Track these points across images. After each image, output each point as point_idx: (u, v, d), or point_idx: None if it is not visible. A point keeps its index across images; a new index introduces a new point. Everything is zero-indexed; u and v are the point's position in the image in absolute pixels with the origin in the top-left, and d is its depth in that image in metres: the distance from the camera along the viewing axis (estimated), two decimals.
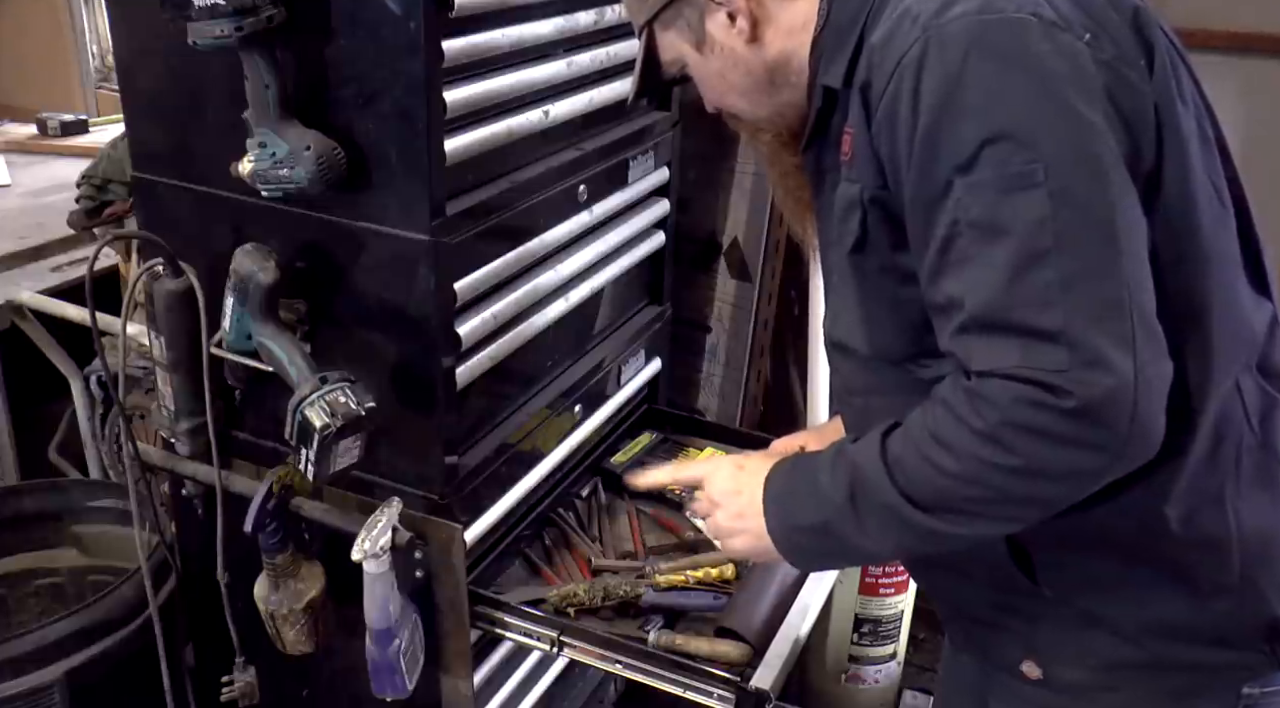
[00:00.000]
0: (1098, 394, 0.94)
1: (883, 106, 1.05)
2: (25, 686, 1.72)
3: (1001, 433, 0.98)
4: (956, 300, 1.01)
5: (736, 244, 2.58)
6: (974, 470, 1.01)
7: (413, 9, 1.33)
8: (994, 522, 1.07)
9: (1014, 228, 0.97)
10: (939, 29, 1.01)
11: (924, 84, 1.01)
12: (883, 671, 2.55)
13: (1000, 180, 0.97)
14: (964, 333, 1.01)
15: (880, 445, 1.09)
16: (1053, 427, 0.96)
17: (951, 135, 0.99)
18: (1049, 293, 0.96)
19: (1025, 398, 0.96)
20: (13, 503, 2.14)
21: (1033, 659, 1.22)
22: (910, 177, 1.04)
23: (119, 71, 1.61)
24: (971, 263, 0.99)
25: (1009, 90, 0.98)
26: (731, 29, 1.21)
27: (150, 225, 1.63)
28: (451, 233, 1.47)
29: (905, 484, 1.06)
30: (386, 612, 1.51)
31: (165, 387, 1.60)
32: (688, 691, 1.52)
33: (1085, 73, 1.00)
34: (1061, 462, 0.98)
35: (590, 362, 1.94)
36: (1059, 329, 0.95)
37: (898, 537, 1.10)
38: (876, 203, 1.11)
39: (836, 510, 1.12)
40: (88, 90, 4.00)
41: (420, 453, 1.57)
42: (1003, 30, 0.99)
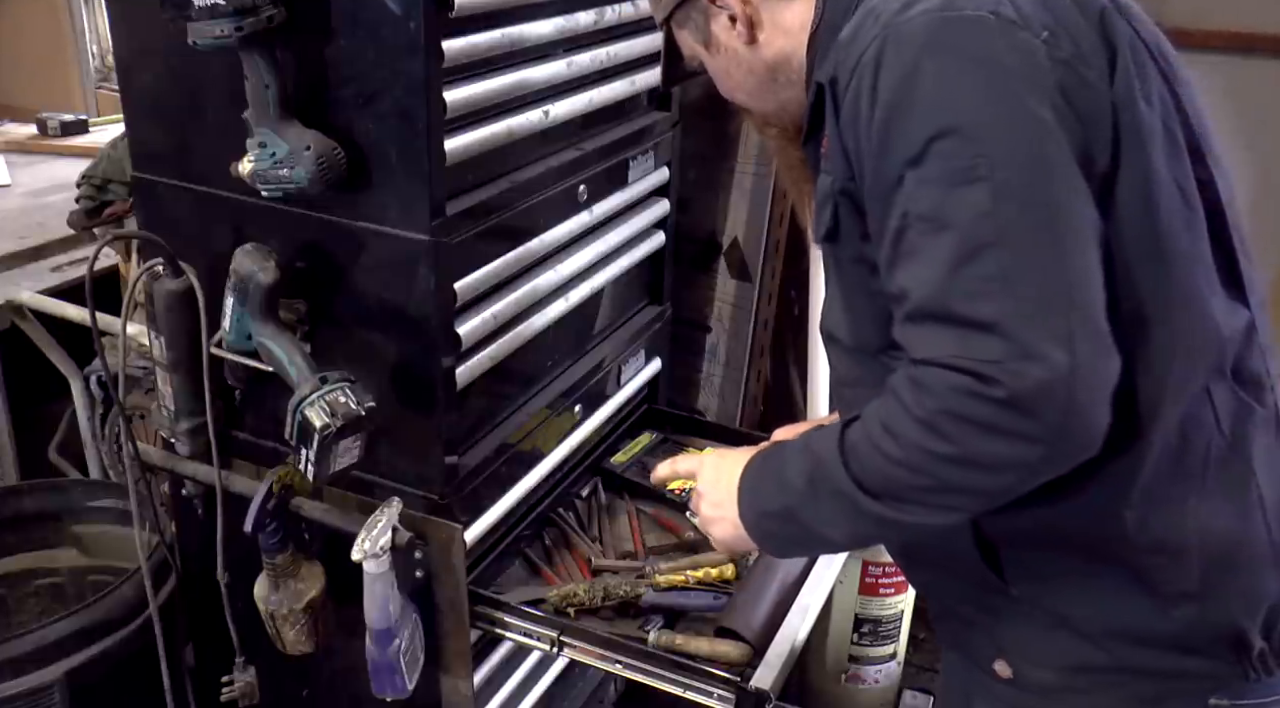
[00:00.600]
0: (1028, 386, 0.96)
1: (847, 102, 1.08)
2: (25, 686, 1.72)
3: (938, 421, 1.00)
4: (905, 291, 1.03)
5: (736, 244, 2.58)
6: (915, 458, 1.03)
7: (413, 9, 1.33)
8: (937, 510, 1.08)
9: (956, 221, 0.99)
10: (897, 27, 1.03)
11: (881, 80, 1.03)
12: (883, 671, 2.55)
13: (946, 174, 1.00)
14: (909, 322, 1.03)
15: (840, 434, 1.11)
16: (985, 416, 0.98)
17: (903, 129, 1.02)
18: (987, 285, 0.97)
19: (960, 387, 0.98)
20: (13, 503, 2.14)
21: (1004, 658, 1.23)
22: (868, 169, 1.07)
23: (119, 71, 1.61)
24: (918, 255, 1.02)
25: (959, 86, 1.01)
26: (732, 30, 1.25)
27: (150, 225, 1.63)
28: (451, 233, 1.47)
29: (858, 471, 1.08)
30: (386, 612, 1.51)
31: (165, 387, 1.60)
32: (688, 691, 1.52)
33: (1038, 70, 1.01)
34: (994, 452, 1.00)
35: (590, 362, 1.94)
36: (995, 321, 0.97)
37: (852, 524, 1.12)
38: (846, 195, 1.13)
39: (798, 496, 1.15)
40: (88, 90, 4.01)
41: (420, 453, 1.57)
42: (959, 28, 1.02)
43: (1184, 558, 1.11)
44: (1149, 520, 1.10)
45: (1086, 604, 1.16)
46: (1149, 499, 1.10)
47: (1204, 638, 1.14)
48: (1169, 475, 1.10)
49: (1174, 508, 1.11)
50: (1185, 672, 1.15)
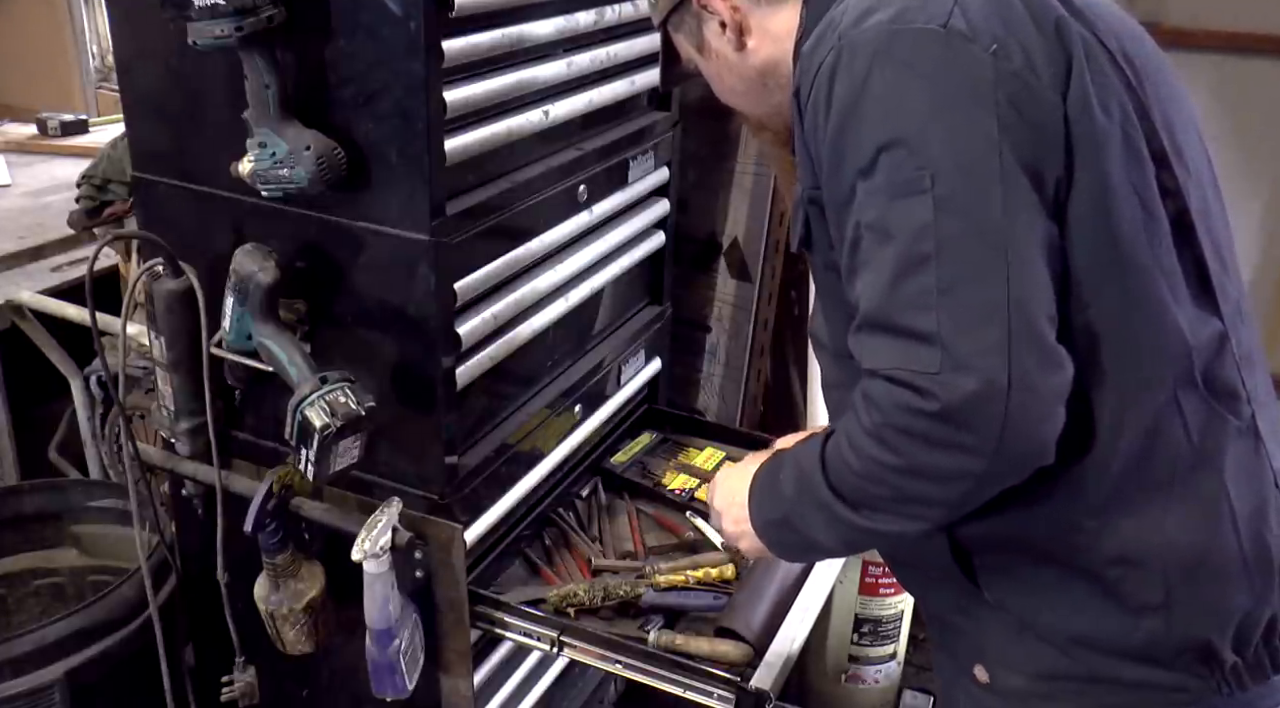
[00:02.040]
0: (961, 397, 0.97)
1: (808, 111, 1.10)
2: (25, 686, 1.72)
3: (884, 433, 1.03)
4: (857, 300, 1.05)
5: (736, 244, 2.58)
6: (869, 468, 1.06)
7: (413, 9, 1.33)
8: (907, 519, 1.10)
9: (899, 232, 1.00)
10: (852, 38, 1.05)
11: (835, 91, 1.05)
12: (883, 671, 2.55)
13: (892, 186, 1.01)
14: (859, 331, 1.05)
15: (821, 446, 1.13)
16: (923, 429, 1.00)
17: (854, 140, 1.04)
18: (926, 297, 0.99)
19: (900, 401, 1.00)
20: (13, 503, 2.14)
21: (981, 663, 1.24)
22: (825, 178, 1.09)
23: (119, 71, 1.61)
24: (868, 265, 1.04)
25: (907, 98, 1.02)
26: (722, 36, 1.26)
27: (150, 225, 1.63)
28: (451, 233, 1.47)
29: (835, 482, 1.11)
30: (386, 612, 1.51)
31: (165, 387, 1.61)
32: (688, 691, 1.52)
33: (985, 83, 1.02)
34: (937, 463, 1.01)
35: (590, 362, 1.94)
36: (932, 332, 0.98)
37: (838, 531, 1.14)
38: (814, 203, 1.16)
39: (790, 505, 1.18)
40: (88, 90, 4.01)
41: (420, 453, 1.57)
42: (908, 40, 1.03)
43: (1148, 569, 1.11)
44: (1113, 530, 1.10)
45: (1053, 611, 1.16)
46: (1112, 509, 1.09)
47: (1170, 650, 1.12)
48: (1133, 486, 1.09)
49: (1139, 519, 1.10)
50: (1154, 684, 1.14)
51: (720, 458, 2.06)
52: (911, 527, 1.11)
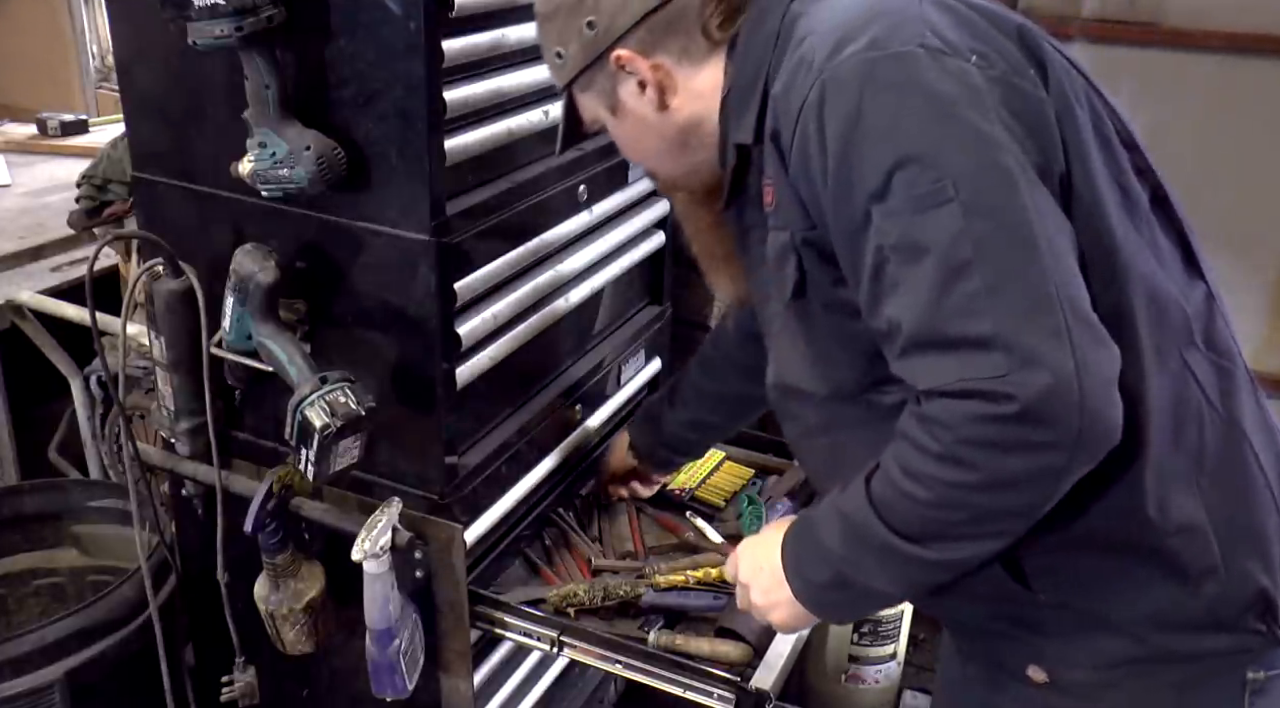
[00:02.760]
0: (1038, 392, 0.96)
1: (795, 151, 1.09)
2: (25, 686, 1.72)
3: (957, 451, 1.00)
4: (894, 324, 1.03)
5: None
6: (943, 494, 1.03)
7: (413, 9, 1.33)
8: (983, 541, 1.08)
9: (933, 245, 1.00)
10: (833, 71, 1.05)
11: (827, 124, 1.04)
12: (883, 671, 2.55)
13: (912, 201, 1.00)
14: (905, 355, 1.03)
15: (865, 489, 1.11)
16: (1003, 436, 0.98)
17: (860, 169, 1.03)
18: (976, 301, 0.98)
19: (971, 414, 0.98)
20: (13, 503, 2.14)
21: (1038, 664, 1.23)
22: (831, 213, 1.08)
23: (119, 71, 1.61)
24: (901, 286, 1.02)
25: (907, 117, 1.02)
26: (642, 97, 1.25)
27: (150, 225, 1.63)
28: (451, 233, 1.47)
29: (893, 521, 1.08)
30: (386, 612, 1.51)
31: (165, 387, 1.60)
32: (688, 691, 1.52)
33: (978, 90, 1.03)
34: (1021, 468, 1.00)
35: (590, 362, 1.94)
36: (991, 334, 0.97)
37: (904, 573, 1.12)
38: (809, 245, 1.14)
39: (842, 561, 1.15)
40: (88, 90, 4.01)
41: (420, 453, 1.57)
42: (891, 64, 1.03)
43: (1198, 534, 1.12)
44: (1163, 503, 1.11)
45: (1117, 598, 1.16)
46: (1161, 483, 1.10)
47: (1234, 609, 1.14)
48: (1171, 456, 1.11)
49: (1184, 485, 1.12)
50: (1219, 650, 1.16)
51: (720, 458, 2.05)
52: (987, 548, 1.10)
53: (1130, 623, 1.17)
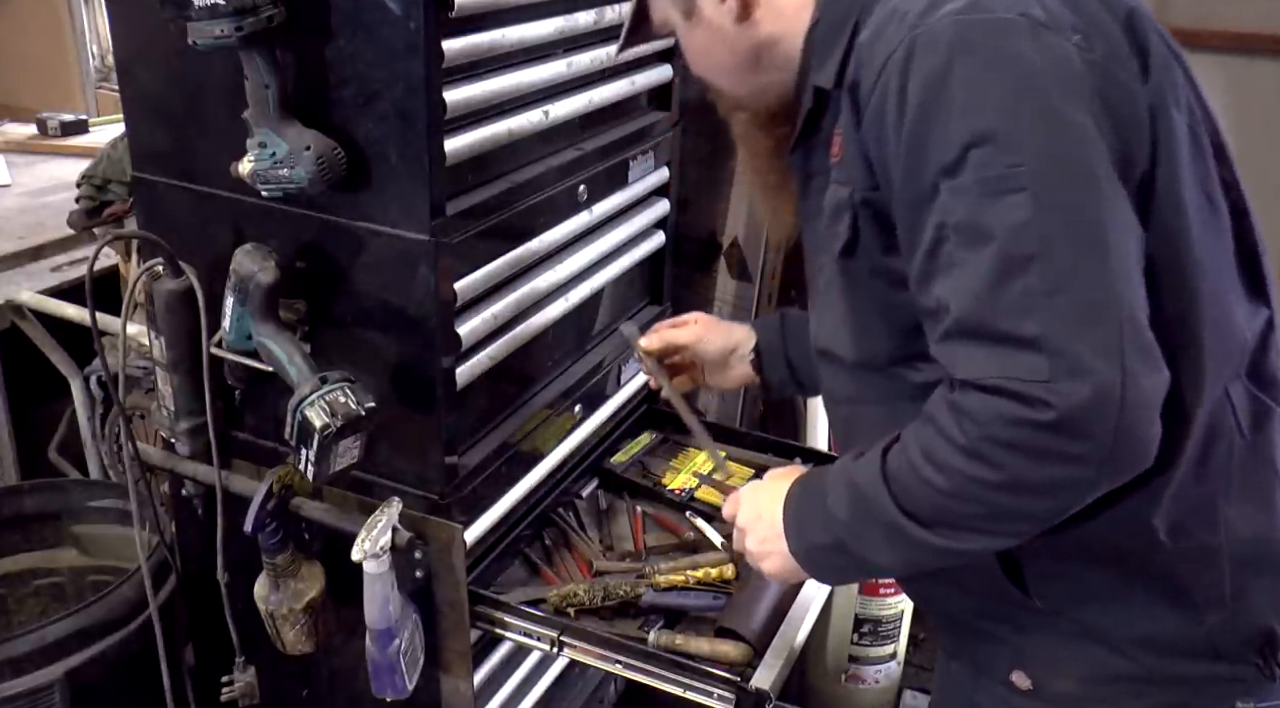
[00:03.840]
0: (1076, 404, 0.93)
1: (871, 107, 1.04)
2: (25, 686, 1.72)
3: (983, 448, 0.97)
4: (943, 305, 0.99)
5: (736, 244, 2.58)
6: (962, 487, 1.00)
7: (413, 9, 1.33)
8: (991, 536, 1.06)
9: (996, 232, 0.95)
10: (927, 27, 0.99)
11: (910, 84, 0.99)
12: (883, 671, 2.55)
13: (983, 184, 0.96)
14: (948, 339, 1.00)
15: (880, 463, 1.08)
16: (1033, 441, 0.95)
17: (936, 137, 0.98)
18: (1031, 299, 0.94)
19: (1005, 414, 0.95)
20: (13, 503, 2.14)
21: (1022, 670, 1.21)
22: (898, 178, 1.03)
23: (119, 71, 1.61)
24: (957, 268, 0.98)
25: (992, 91, 0.97)
26: (721, 5, 1.19)
27: (150, 225, 1.63)
28: (451, 233, 1.47)
29: (905, 501, 1.05)
30: (386, 612, 1.51)
31: (165, 387, 1.60)
32: (688, 691, 1.52)
33: (1072, 74, 0.98)
34: (1046, 476, 0.97)
35: (590, 362, 1.94)
36: (1039, 336, 0.94)
37: (904, 552, 1.09)
38: (867, 205, 1.09)
39: (845, 529, 1.12)
40: (88, 90, 4.01)
41: (420, 453, 1.57)
42: (988, 30, 0.98)
43: (1215, 563, 1.10)
44: (1180, 528, 1.08)
45: (1115, 615, 1.14)
46: (1180, 506, 1.08)
47: (1235, 642, 1.12)
48: (1195, 480, 1.08)
49: (1205, 513, 1.09)
50: (1213, 678, 1.14)
51: (720, 457, 2.05)
52: (995, 543, 1.07)
53: (1125, 641, 1.15)
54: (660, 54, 1.98)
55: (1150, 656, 1.14)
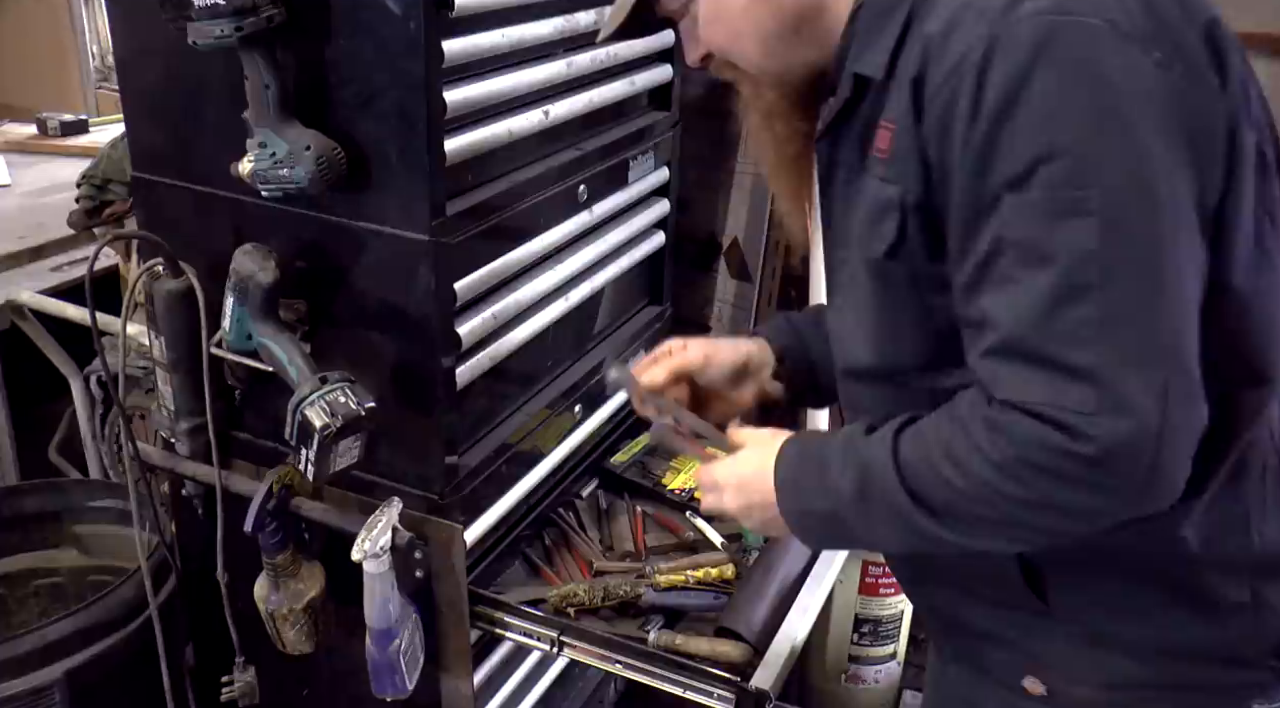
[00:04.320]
0: (1117, 440, 0.91)
1: (938, 105, 0.98)
2: (25, 686, 1.71)
3: (1016, 468, 0.96)
4: (991, 320, 0.97)
5: (736, 244, 2.58)
6: (984, 494, 0.99)
7: (413, 9, 1.33)
8: (1003, 540, 1.05)
9: (1059, 256, 0.92)
10: (1009, 26, 0.94)
11: (988, 85, 0.94)
12: (883, 671, 2.55)
13: (1051, 203, 0.92)
14: (992, 356, 0.97)
15: (892, 445, 1.06)
16: (1068, 470, 0.93)
17: (1007, 147, 0.94)
18: (1086, 330, 0.92)
19: (1044, 440, 0.94)
20: (13, 503, 2.14)
21: (1036, 675, 1.19)
22: (958, 182, 0.98)
23: (119, 71, 1.61)
24: (1011, 285, 0.95)
25: (1071, 106, 0.93)
26: None
27: (150, 225, 1.63)
28: (451, 233, 1.47)
29: (916, 489, 1.03)
30: (386, 612, 1.51)
31: (165, 387, 1.61)
32: (688, 691, 1.52)
33: (1153, 94, 0.93)
34: (1074, 502, 0.96)
35: (590, 362, 1.94)
36: (1090, 368, 0.92)
37: (903, 535, 1.07)
38: (920, 209, 1.04)
39: (845, 504, 1.10)
40: (88, 90, 4.01)
41: (420, 453, 1.57)
42: (1075, 35, 0.93)
43: (1238, 571, 1.09)
44: (1212, 539, 1.08)
45: (1135, 622, 1.13)
46: (1213, 519, 1.07)
47: (1257, 648, 1.12)
48: (1230, 496, 1.07)
49: (1236, 526, 1.08)
50: (1230, 683, 1.14)
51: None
52: (1003, 546, 1.06)
53: (1146, 648, 1.13)
54: (660, 54, 1.98)
55: (1170, 662, 1.13)
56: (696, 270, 2.64)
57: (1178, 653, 1.13)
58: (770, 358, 1.44)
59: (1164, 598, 1.11)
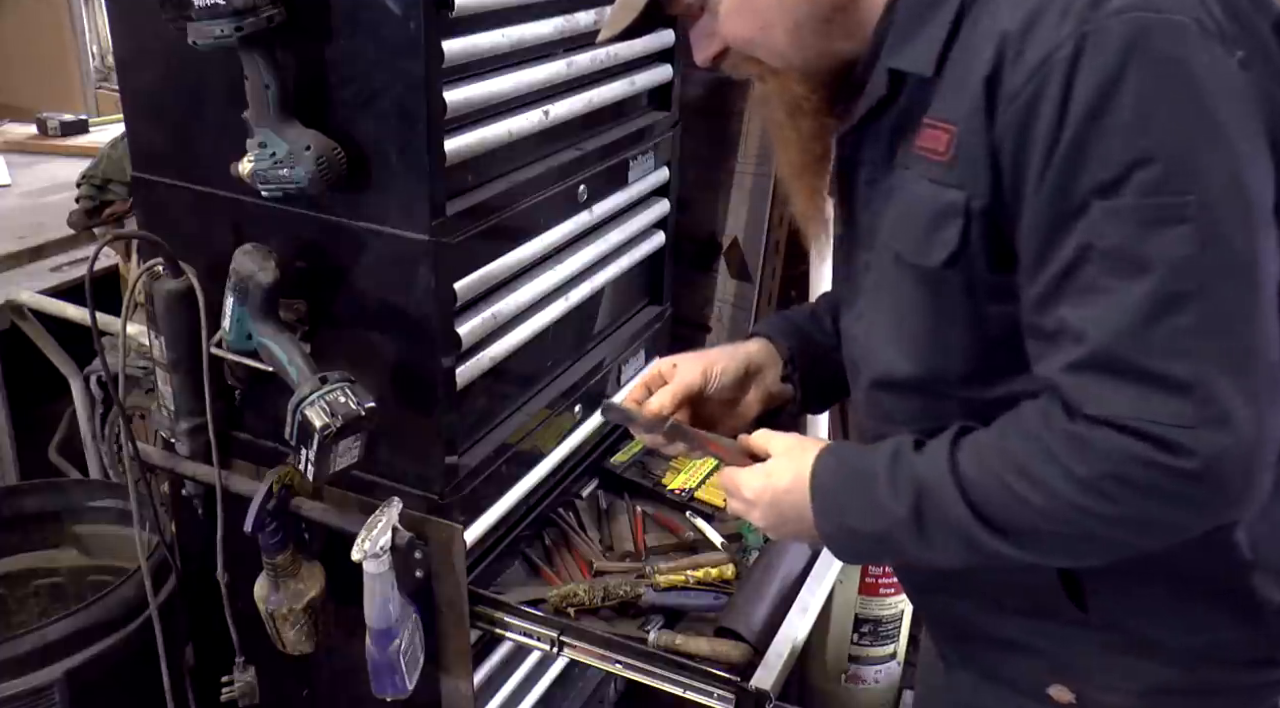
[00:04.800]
0: (1219, 453, 0.89)
1: (1017, 106, 0.94)
2: (25, 686, 1.71)
3: (1105, 485, 0.93)
4: (1074, 332, 0.93)
5: (736, 244, 2.58)
6: (1064, 512, 0.96)
7: (413, 9, 1.33)
8: (1069, 555, 1.03)
9: (1155, 265, 0.89)
10: (1099, 23, 0.90)
11: (1076, 86, 0.91)
12: (883, 671, 2.55)
13: (1146, 210, 0.89)
14: (1079, 370, 0.93)
15: (949, 462, 1.02)
16: (1164, 485, 0.91)
17: (1098, 150, 0.90)
18: (1184, 340, 0.89)
19: (1139, 454, 0.91)
20: (13, 503, 2.14)
21: (1064, 683, 1.17)
22: (1035, 186, 0.94)
23: (119, 71, 1.61)
24: (1100, 295, 0.92)
25: (1167, 107, 0.89)
26: None
27: (150, 225, 1.63)
28: (451, 233, 1.47)
29: (980, 506, 1.00)
30: (386, 612, 1.51)
31: (165, 387, 1.61)
32: (688, 691, 1.52)
33: (1239, 93, 0.92)
34: (1167, 518, 0.94)
35: (590, 362, 1.94)
36: (1189, 380, 0.89)
37: (961, 553, 1.04)
38: (986, 215, 0.99)
39: (898, 524, 1.06)
40: (88, 90, 4.00)
41: (420, 453, 1.57)
42: (1165, 33, 0.90)
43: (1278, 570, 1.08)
44: (1259, 543, 1.06)
45: (1173, 627, 1.11)
46: (1261, 522, 1.05)
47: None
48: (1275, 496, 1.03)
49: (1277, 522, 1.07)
50: (1258, 683, 1.13)
51: None
52: (1068, 562, 1.04)
53: (1184, 653, 1.11)
54: (660, 54, 1.98)
55: (1208, 666, 1.11)
56: (696, 270, 2.64)
57: (1216, 657, 1.11)
58: (774, 358, 1.39)
59: (1207, 603, 1.10)
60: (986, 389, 1.07)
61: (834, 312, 1.36)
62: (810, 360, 1.39)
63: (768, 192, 2.48)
